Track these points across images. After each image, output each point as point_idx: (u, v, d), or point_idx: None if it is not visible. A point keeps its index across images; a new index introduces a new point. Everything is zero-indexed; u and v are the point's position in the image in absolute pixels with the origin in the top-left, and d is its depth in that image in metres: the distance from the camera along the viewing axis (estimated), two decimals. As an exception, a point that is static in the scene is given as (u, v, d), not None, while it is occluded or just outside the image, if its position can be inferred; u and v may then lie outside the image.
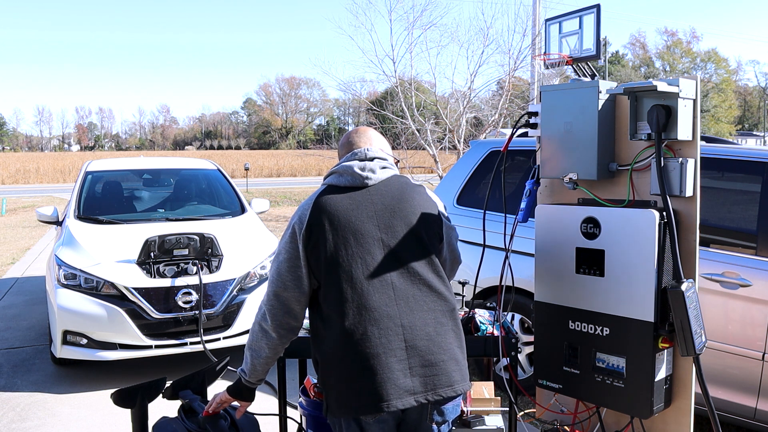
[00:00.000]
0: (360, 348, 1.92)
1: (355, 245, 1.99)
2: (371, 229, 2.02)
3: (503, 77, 13.30)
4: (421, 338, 1.97)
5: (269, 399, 4.47)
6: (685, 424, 2.50)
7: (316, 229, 2.00)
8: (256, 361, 2.11)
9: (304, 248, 2.01)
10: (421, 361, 1.96)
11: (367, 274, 1.97)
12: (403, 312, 1.97)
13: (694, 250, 2.46)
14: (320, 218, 2.01)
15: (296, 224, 2.04)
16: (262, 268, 5.17)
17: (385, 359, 1.92)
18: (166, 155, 32.82)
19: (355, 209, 2.04)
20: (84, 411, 4.27)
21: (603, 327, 2.50)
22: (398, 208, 2.06)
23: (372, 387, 1.91)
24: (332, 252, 1.98)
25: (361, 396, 1.92)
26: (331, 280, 1.98)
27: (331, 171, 2.16)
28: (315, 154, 26.84)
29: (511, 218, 2.83)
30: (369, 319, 1.94)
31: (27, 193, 26.93)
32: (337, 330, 1.95)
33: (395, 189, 2.11)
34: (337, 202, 2.05)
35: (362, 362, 1.92)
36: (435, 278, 2.05)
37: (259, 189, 26.14)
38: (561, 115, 2.63)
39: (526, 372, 4.32)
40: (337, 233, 1.99)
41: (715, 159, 3.68)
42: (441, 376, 1.97)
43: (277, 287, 2.04)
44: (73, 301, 4.62)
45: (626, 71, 65.45)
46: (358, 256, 1.98)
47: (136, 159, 7.11)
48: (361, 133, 2.25)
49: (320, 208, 2.04)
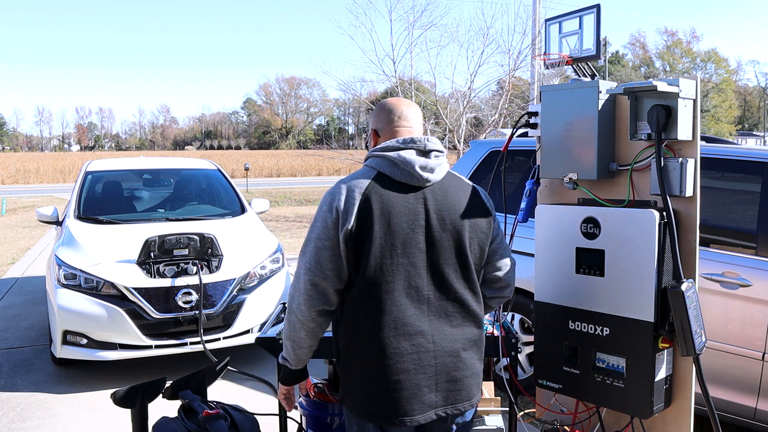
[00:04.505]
0: (391, 362, 1.88)
1: (401, 255, 1.89)
2: (419, 240, 1.92)
3: (503, 77, 13.32)
4: (450, 355, 1.94)
5: (269, 399, 4.47)
6: (685, 424, 2.50)
7: (364, 226, 1.87)
8: (299, 351, 2.01)
9: (345, 239, 1.87)
10: (446, 377, 1.94)
11: (406, 287, 1.90)
12: (435, 329, 1.92)
13: (694, 250, 2.46)
14: (370, 215, 1.87)
15: (341, 212, 1.88)
16: (262, 268, 5.17)
17: (414, 376, 1.89)
18: (166, 155, 32.81)
19: (407, 214, 1.90)
20: (84, 411, 4.27)
21: (603, 327, 2.50)
22: (448, 220, 1.95)
23: (398, 401, 1.88)
24: (378, 257, 1.87)
25: (385, 406, 1.89)
26: (370, 285, 1.89)
27: (383, 154, 1.95)
28: (315, 154, 26.84)
29: (511, 218, 2.83)
30: (404, 334, 1.89)
31: (27, 193, 26.93)
32: (370, 337, 1.89)
33: (450, 193, 1.98)
34: (392, 202, 1.90)
35: (392, 375, 1.88)
36: (469, 294, 1.99)
37: (259, 189, 26.14)
38: (561, 115, 2.63)
39: (526, 372, 4.32)
40: (385, 238, 1.88)
41: (715, 159, 3.68)
42: (462, 392, 1.97)
43: (315, 276, 1.90)
44: (73, 301, 4.62)
45: (626, 71, 65.43)
46: (402, 267, 1.89)
47: (136, 159, 7.11)
48: (412, 109, 2.08)
49: (371, 203, 1.88)
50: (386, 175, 1.93)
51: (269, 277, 5.19)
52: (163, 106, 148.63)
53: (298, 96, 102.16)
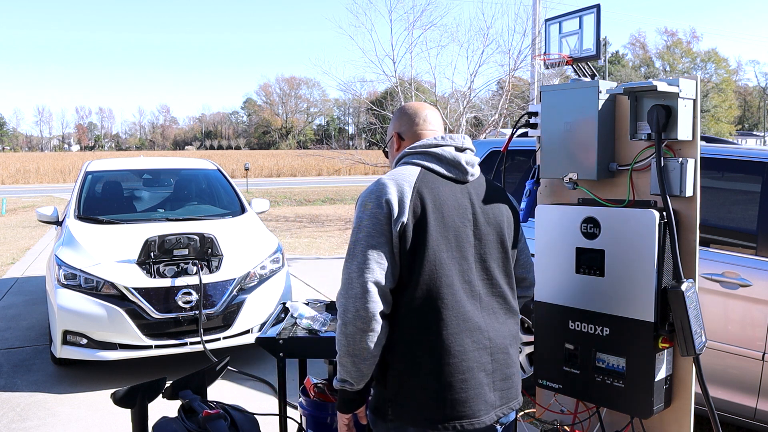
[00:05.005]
0: (456, 360, 1.81)
1: (456, 248, 1.86)
2: (469, 234, 1.90)
3: (503, 77, 13.33)
4: (502, 351, 1.92)
5: (269, 399, 4.47)
6: (685, 424, 2.50)
7: (419, 219, 1.82)
8: (363, 366, 1.82)
9: (399, 234, 1.80)
10: (501, 375, 1.92)
11: (461, 281, 1.86)
12: (489, 324, 1.90)
13: (694, 250, 2.46)
14: (425, 208, 1.82)
15: (393, 206, 1.81)
16: (262, 268, 5.17)
17: (477, 374, 1.85)
18: (166, 155, 32.81)
19: (457, 208, 1.89)
20: (84, 411, 4.27)
21: (603, 327, 2.50)
22: (491, 214, 1.96)
23: (465, 402, 1.82)
24: (434, 251, 1.82)
25: (451, 409, 1.81)
26: (430, 280, 1.81)
27: (426, 150, 1.94)
28: (315, 154, 26.84)
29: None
30: (465, 330, 1.84)
31: (27, 193, 26.94)
32: (435, 336, 1.81)
33: (487, 191, 2.00)
34: (443, 194, 1.88)
35: (458, 374, 1.82)
36: (509, 290, 1.99)
37: (259, 189, 26.14)
38: (561, 115, 2.63)
39: (526, 372, 4.32)
40: (440, 231, 1.83)
41: (715, 159, 3.68)
42: (512, 390, 1.95)
43: (374, 276, 1.78)
44: (73, 301, 4.62)
45: (626, 71, 65.43)
46: (456, 261, 1.86)
47: (136, 159, 7.11)
48: (435, 113, 2.07)
49: (424, 195, 1.84)
50: (432, 170, 1.92)
51: (269, 277, 5.19)
52: (163, 106, 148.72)
53: (298, 96, 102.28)
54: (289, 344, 2.62)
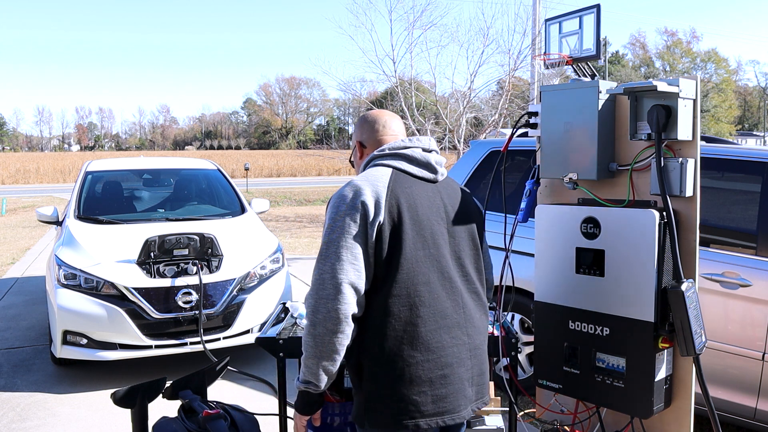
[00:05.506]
0: (435, 356, 1.83)
1: (432, 246, 1.88)
2: (443, 231, 1.93)
3: (503, 77, 13.33)
4: (478, 348, 1.95)
5: (269, 399, 4.47)
6: (685, 424, 2.50)
7: (395, 219, 1.83)
8: (330, 367, 1.80)
9: (376, 234, 1.80)
10: (477, 371, 1.95)
11: (440, 278, 1.88)
12: (467, 320, 1.92)
13: (694, 250, 2.46)
14: (399, 207, 1.84)
15: (368, 206, 1.81)
16: (262, 268, 5.17)
17: (457, 369, 1.87)
18: (166, 155, 32.82)
19: (430, 206, 1.92)
20: (84, 411, 4.27)
21: (603, 327, 2.50)
22: (461, 212, 1.99)
23: (445, 397, 1.84)
24: (412, 249, 1.83)
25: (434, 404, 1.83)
26: (408, 277, 1.82)
27: (396, 152, 1.96)
28: (315, 154, 26.87)
29: (511, 218, 2.83)
30: (444, 327, 1.85)
31: (27, 193, 26.94)
32: (411, 333, 1.81)
33: (453, 190, 2.04)
34: (416, 193, 1.90)
35: (437, 370, 1.83)
36: (481, 287, 2.02)
37: (259, 189, 26.14)
38: (561, 115, 2.63)
39: (526, 372, 4.31)
40: (416, 230, 1.85)
41: (715, 159, 3.68)
42: (484, 386, 1.99)
43: (351, 277, 1.76)
44: (73, 301, 4.62)
45: (626, 71, 65.43)
46: (434, 258, 1.88)
47: (136, 159, 7.11)
48: (395, 119, 2.10)
49: (398, 195, 1.85)
50: (403, 170, 1.94)
51: (269, 277, 5.19)
52: (163, 106, 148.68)
53: (298, 96, 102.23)
54: (289, 344, 2.62)
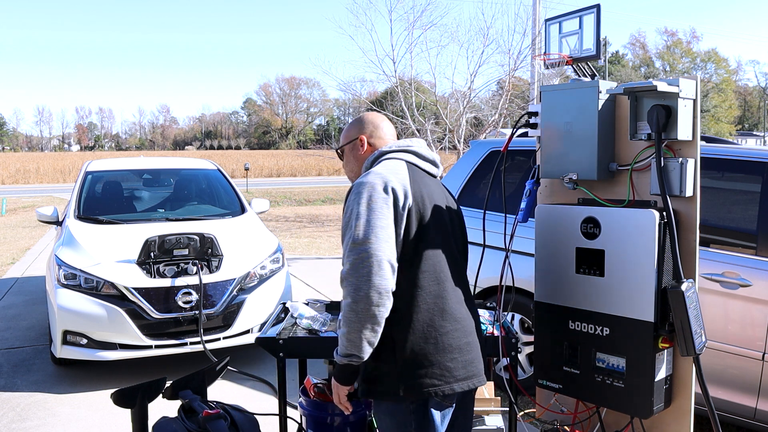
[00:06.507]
0: (460, 325, 2.02)
1: (445, 230, 2.07)
2: (452, 217, 2.14)
3: (503, 77, 13.31)
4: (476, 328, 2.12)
5: (269, 399, 4.47)
6: (685, 424, 2.50)
7: (420, 206, 1.99)
8: (373, 339, 1.89)
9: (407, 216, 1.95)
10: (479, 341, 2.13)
11: (451, 258, 2.06)
12: (466, 296, 2.12)
13: (694, 250, 2.46)
14: (422, 195, 2.01)
15: (398, 192, 1.94)
16: (262, 268, 5.18)
17: (474, 337, 2.08)
18: (166, 155, 32.83)
19: (439, 197, 2.10)
20: (84, 411, 4.27)
21: (603, 327, 2.50)
22: (452, 207, 2.18)
23: (471, 362, 2.02)
24: (434, 231, 2.01)
25: (464, 369, 1.99)
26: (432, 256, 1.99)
27: (406, 148, 2.13)
28: (315, 154, 26.87)
29: (511, 218, 2.83)
30: (459, 302, 2.05)
31: (27, 193, 26.94)
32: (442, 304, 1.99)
33: (447, 189, 2.25)
34: (430, 186, 2.09)
35: (462, 338, 2.02)
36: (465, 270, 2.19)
37: (259, 189, 26.14)
38: (561, 115, 2.63)
39: (526, 372, 4.32)
40: (435, 215, 2.03)
41: (715, 159, 3.68)
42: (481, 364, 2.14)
43: (389, 255, 1.87)
44: (73, 301, 4.62)
45: (626, 71, 65.42)
46: (447, 240, 2.07)
47: (136, 159, 7.11)
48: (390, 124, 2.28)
49: (419, 186, 2.03)
50: (415, 164, 2.11)
51: (269, 277, 5.19)
52: (163, 106, 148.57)
53: (298, 96, 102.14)
54: (289, 344, 2.62)
